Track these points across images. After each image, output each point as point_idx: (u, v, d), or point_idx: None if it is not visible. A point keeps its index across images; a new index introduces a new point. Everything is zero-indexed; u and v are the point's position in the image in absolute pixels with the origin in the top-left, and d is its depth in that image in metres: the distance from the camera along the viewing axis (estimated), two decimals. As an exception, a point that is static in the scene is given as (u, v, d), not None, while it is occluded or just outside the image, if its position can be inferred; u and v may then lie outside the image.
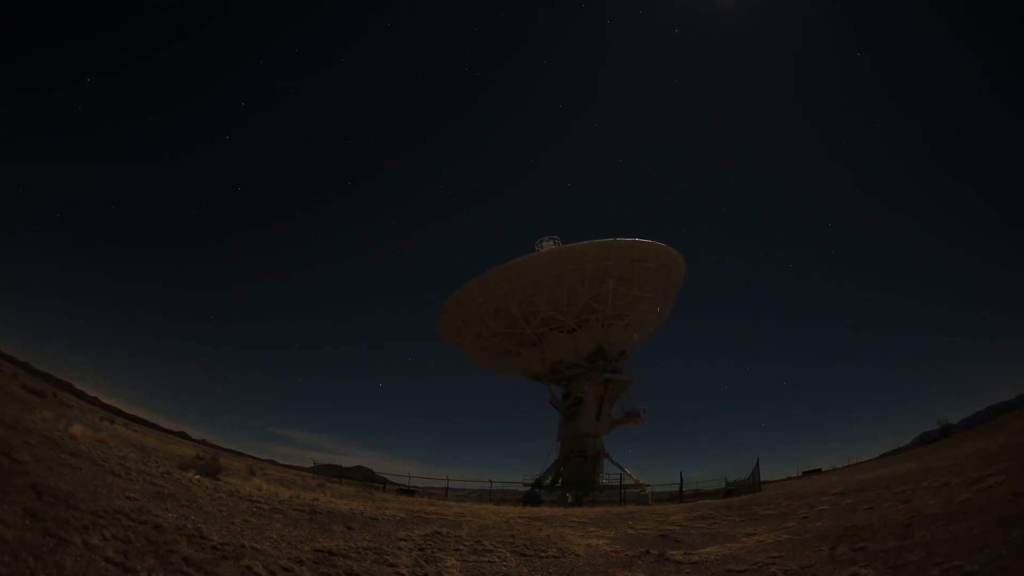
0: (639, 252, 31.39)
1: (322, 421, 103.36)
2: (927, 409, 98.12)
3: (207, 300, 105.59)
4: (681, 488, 25.40)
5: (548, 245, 32.73)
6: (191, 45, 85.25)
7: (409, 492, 25.88)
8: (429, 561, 6.57)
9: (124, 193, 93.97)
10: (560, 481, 31.16)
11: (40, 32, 72.03)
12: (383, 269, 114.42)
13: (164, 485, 7.87)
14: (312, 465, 35.14)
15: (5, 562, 3.50)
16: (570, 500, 24.79)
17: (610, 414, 32.12)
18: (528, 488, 30.72)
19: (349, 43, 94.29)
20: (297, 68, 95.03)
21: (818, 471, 29.74)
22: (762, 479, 23.91)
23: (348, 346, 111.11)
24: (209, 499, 7.88)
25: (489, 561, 7.01)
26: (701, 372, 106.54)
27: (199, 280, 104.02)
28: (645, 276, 32.05)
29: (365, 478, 34.75)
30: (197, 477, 10.01)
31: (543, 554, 7.69)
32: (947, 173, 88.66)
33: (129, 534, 4.86)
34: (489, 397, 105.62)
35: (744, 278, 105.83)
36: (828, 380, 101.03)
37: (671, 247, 33.22)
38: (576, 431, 31.49)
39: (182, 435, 42.17)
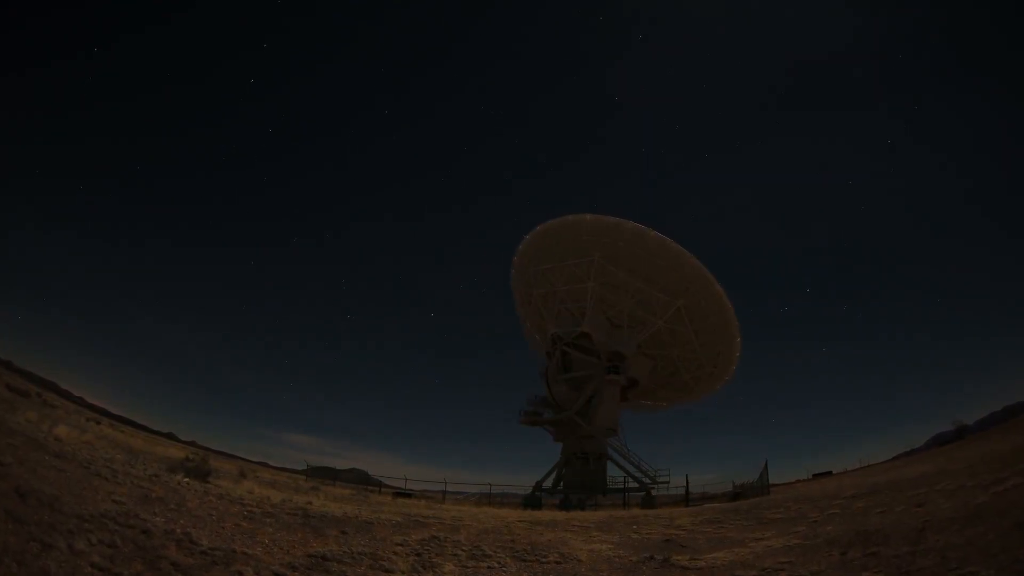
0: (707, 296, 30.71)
1: (315, 422, 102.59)
2: (941, 410, 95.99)
3: (198, 298, 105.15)
4: (687, 491, 25.24)
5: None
6: (190, 29, 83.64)
7: (406, 495, 25.62)
8: (426, 567, 6.42)
9: (114, 186, 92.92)
10: (562, 484, 30.82)
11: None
12: (381, 268, 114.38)
13: (152, 488, 7.77)
14: (305, 467, 34.85)
15: (-12, 567, 3.38)
16: (572, 504, 24.57)
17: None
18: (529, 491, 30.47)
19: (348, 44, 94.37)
20: (295, 69, 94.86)
21: (829, 473, 29.60)
22: (771, 482, 23.65)
23: (343, 345, 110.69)
24: (198, 502, 7.75)
25: (488, 567, 6.85)
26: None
27: (189, 278, 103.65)
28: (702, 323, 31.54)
29: (360, 481, 34.57)
30: (186, 480, 9.87)
31: (544, 559, 7.51)
32: (961, 172, 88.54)
33: (116, 538, 4.79)
34: (489, 396, 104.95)
35: (754, 277, 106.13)
36: (839, 380, 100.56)
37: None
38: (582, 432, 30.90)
39: (170, 436, 41.98)
